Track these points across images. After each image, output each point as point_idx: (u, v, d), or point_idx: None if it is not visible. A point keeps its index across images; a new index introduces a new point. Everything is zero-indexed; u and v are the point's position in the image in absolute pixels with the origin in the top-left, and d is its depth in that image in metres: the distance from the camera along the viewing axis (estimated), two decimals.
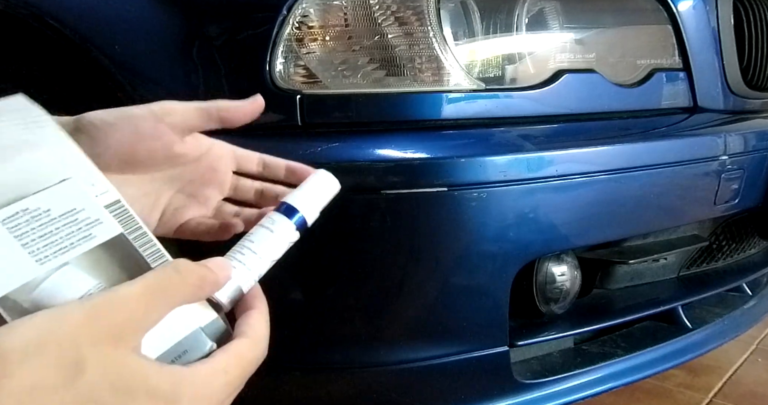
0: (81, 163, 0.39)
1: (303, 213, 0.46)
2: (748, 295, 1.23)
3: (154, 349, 0.36)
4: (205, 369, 0.36)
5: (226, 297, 0.41)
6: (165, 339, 0.36)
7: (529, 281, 0.89)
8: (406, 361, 0.82)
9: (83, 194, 0.38)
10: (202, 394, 0.35)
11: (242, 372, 0.38)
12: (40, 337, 0.31)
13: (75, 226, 0.36)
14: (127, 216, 0.39)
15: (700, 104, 1.00)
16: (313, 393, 0.85)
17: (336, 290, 0.78)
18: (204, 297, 0.39)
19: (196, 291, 0.37)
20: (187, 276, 0.37)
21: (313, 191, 0.48)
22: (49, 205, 0.36)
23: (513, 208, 0.77)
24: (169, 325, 0.36)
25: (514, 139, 0.80)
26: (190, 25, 0.79)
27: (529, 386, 0.88)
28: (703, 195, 0.97)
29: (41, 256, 0.35)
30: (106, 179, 0.40)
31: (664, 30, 0.96)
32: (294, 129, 0.76)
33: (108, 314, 0.33)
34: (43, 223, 0.35)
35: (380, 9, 0.76)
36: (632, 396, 1.30)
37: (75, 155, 0.39)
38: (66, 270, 0.35)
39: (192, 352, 0.37)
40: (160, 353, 0.36)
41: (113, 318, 0.33)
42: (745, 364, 1.45)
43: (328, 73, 0.77)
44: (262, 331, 0.41)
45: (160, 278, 0.36)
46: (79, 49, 0.79)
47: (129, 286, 0.34)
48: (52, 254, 0.35)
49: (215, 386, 0.36)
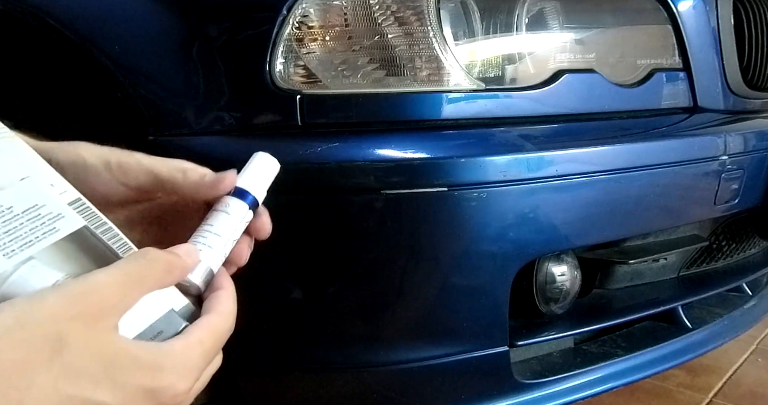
0: (39, 166, 0.40)
1: (254, 193, 0.49)
2: (748, 295, 1.23)
3: (130, 331, 0.37)
4: (181, 342, 0.38)
5: (199, 279, 0.43)
6: (140, 321, 0.38)
7: (529, 281, 0.89)
8: (406, 361, 0.82)
9: (43, 191, 0.39)
10: (182, 363, 0.37)
11: (215, 342, 0.40)
12: (20, 318, 0.32)
13: (38, 220, 0.37)
14: (90, 212, 0.40)
15: (700, 104, 1.00)
16: (313, 393, 0.85)
17: (336, 290, 0.78)
18: (174, 282, 0.40)
19: (165, 276, 0.39)
20: (157, 262, 0.38)
21: (258, 173, 0.50)
22: (11, 203, 0.37)
23: (513, 208, 0.77)
24: (142, 308, 0.37)
25: (514, 139, 0.80)
26: (190, 25, 0.79)
27: (529, 386, 0.88)
28: (703, 195, 0.97)
29: (7, 250, 0.35)
30: (64, 180, 0.41)
31: (664, 30, 0.96)
32: (294, 129, 0.76)
33: (83, 298, 0.34)
34: (6, 220, 0.36)
35: (380, 9, 0.76)
36: (632, 396, 1.30)
37: (32, 158, 0.41)
38: (33, 263, 0.36)
39: (167, 332, 0.39)
40: (135, 334, 0.37)
41: (89, 300, 0.34)
42: (745, 364, 1.45)
43: (328, 73, 0.77)
44: (230, 306, 0.43)
45: (132, 265, 0.37)
46: (79, 49, 0.79)
47: (101, 273, 0.35)
48: (18, 248, 0.36)
49: (193, 356, 0.38)
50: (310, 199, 0.74)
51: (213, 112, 0.77)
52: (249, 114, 0.76)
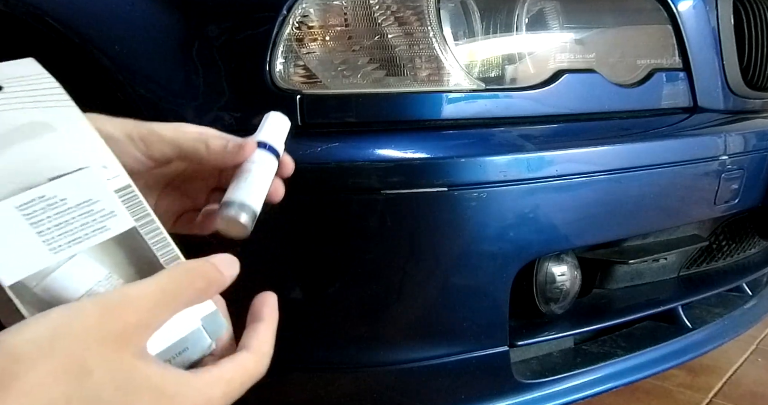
0: (95, 145, 0.39)
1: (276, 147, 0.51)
2: (748, 295, 1.23)
3: (157, 346, 0.36)
4: (207, 377, 0.37)
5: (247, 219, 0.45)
6: (167, 336, 0.37)
7: (529, 281, 0.89)
8: (406, 361, 0.82)
9: (100, 184, 0.38)
10: (202, 400, 0.36)
11: (242, 384, 0.39)
12: (53, 337, 0.31)
13: (90, 216, 0.36)
14: (136, 202, 0.39)
15: (700, 104, 1.00)
16: (313, 393, 0.85)
17: (336, 290, 0.78)
18: (210, 297, 0.39)
19: (202, 294, 0.38)
20: (196, 280, 0.37)
21: (275, 129, 0.53)
22: (65, 194, 0.36)
23: (513, 208, 0.77)
24: (171, 322, 0.36)
25: (514, 139, 0.80)
26: (190, 25, 0.79)
27: (529, 386, 0.88)
28: (703, 195, 0.97)
29: (55, 245, 0.35)
30: (118, 163, 0.40)
31: (664, 30, 0.96)
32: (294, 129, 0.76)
33: (120, 315, 0.33)
34: (59, 212, 0.35)
35: (380, 9, 0.76)
36: (632, 396, 1.30)
37: (89, 136, 0.39)
38: (77, 260, 0.35)
39: (192, 349, 0.38)
40: (161, 349, 0.37)
41: (124, 319, 0.33)
42: (745, 364, 1.45)
43: (328, 73, 0.77)
44: (267, 346, 0.41)
45: (170, 281, 0.36)
46: (79, 49, 0.79)
47: (142, 286, 0.35)
48: (66, 244, 0.35)
49: (216, 394, 0.37)
50: (310, 199, 0.74)
51: (213, 112, 0.77)
52: (249, 114, 0.76)
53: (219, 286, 0.39)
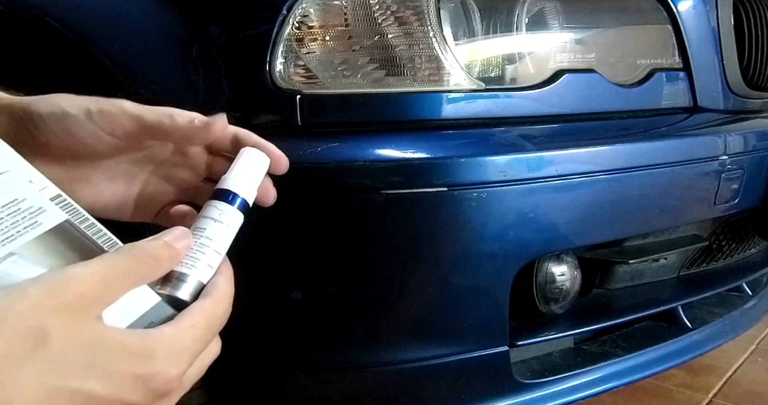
0: (17, 162, 0.39)
1: (245, 197, 0.46)
2: (748, 295, 1.23)
3: (120, 324, 0.36)
4: (171, 328, 0.37)
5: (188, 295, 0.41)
6: (129, 313, 0.37)
7: (529, 281, 0.89)
8: (406, 361, 0.82)
9: (23, 185, 0.38)
10: (173, 348, 0.36)
11: (209, 327, 0.39)
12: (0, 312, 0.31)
13: (19, 215, 0.36)
14: (72, 207, 0.39)
15: (700, 104, 1.00)
16: (313, 393, 0.85)
17: (336, 290, 0.78)
18: (164, 273, 0.39)
19: (153, 270, 0.38)
20: (144, 256, 0.37)
21: (248, 171, 0.48)
22: None
23: (513, 208, 0.77)
24: (131, 300, 0.37)
25: (514, 139, 0.80)
26: (190, 25, 0.79)
27: (529, 386, 0.88)
28: (703, 195, 0.97)
29: None
30: (43, 177, 0.39)
31: (664, 30, 0.96)
32: (294, 129, 0.76)
33: (64, 289, 0.33)
34: None
35: (380, 9, 0.76)
36: (632, 396, 1.30)
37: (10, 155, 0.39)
38: (16, 259, 0.35)
39: (158, 322, 0.38)
40: (125, 326, 0.37)
41: (70, 292, 0.33)
42: (745, 364, 1.45)
43: (328, 73, 0.77)
44: (225, 290, 0.42)
45: (116, 259, 0.36)
46: (79, 49, 0.79)
47: (85, 266, 0.34)
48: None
49: (185, 341, 0.37)
50: (309, 199, 0.74)
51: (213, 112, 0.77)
52: (249, 114, 0.76)
53: (171, 259, 0.39)
